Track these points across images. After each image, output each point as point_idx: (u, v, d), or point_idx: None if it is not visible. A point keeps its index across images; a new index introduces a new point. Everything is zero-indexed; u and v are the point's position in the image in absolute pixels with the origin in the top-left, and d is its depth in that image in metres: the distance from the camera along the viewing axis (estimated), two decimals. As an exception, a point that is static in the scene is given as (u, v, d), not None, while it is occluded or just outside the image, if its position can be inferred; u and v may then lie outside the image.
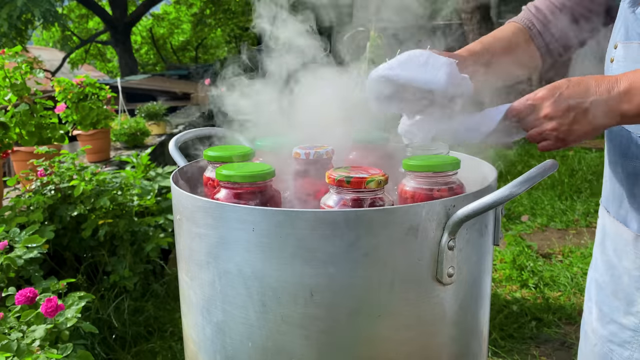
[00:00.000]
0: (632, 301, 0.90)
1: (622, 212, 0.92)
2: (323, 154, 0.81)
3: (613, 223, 0.95)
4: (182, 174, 0.90)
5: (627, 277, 0.90)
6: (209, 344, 0.72)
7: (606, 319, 0.96)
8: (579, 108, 0.77)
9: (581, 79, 0.78)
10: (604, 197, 1.01)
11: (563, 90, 0.78)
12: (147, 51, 20.66)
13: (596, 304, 1.00)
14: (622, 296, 0.92)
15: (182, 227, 0.73)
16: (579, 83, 0.78)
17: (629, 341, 0.90)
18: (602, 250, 1.00)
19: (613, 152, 0.93)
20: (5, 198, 2.53)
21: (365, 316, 0.64)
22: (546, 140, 0.81)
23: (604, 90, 0.76)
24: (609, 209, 0.98)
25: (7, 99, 2.55)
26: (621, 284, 0.92)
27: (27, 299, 1.59)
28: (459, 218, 0.63)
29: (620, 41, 0.87)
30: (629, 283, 0.90)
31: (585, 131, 0.79)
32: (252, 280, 0.64)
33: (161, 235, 2.62)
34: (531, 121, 0.81)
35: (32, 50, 12.04)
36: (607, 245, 0.97)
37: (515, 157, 5.49)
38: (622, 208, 0.92)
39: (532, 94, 0.81)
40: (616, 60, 0.89)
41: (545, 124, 0.79)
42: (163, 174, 2.96)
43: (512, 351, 2.32)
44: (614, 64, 0.89)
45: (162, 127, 4.65)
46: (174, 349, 2.28)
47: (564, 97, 0.77)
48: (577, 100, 0.77)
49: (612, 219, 0.95)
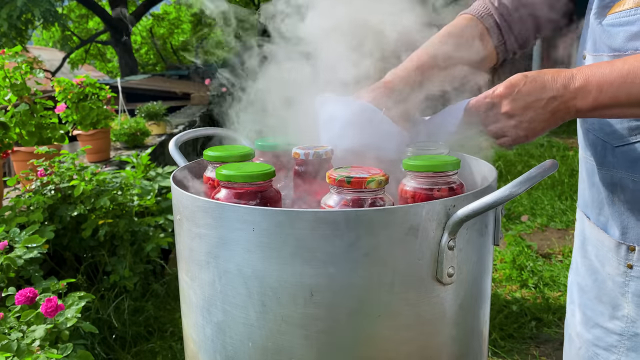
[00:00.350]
0: (617, 305, 0.89)
1: (602, 219, 0.92)
2: (322, 154, 0.81)
3: (594, 229, 0.95)
4: (181, 174, 0.90)
5: (611, 282, 0.90)
6: (209, 344, 0.72)
7: (590, 323, 0.96)
8: (537, 105, 0.77)
9: (538, 74, 0.78)
10: (582, 203, 1.00)
11: (521, 87, 0.78)
12: (147, 51, 20.65)
13: (579, 308, 1.00)
14: (607, 300, 0.92)
15: (182, 227, 0.73)
16: (535, 79, 0.78)
17: (616, 345, 0.90)
18: (583, 254, 0.99)
19: (590, 160, 0.92)
20: (5, 198, 2.54)
21: (365, 316, 0.64)
22: (505, 136, 0.82)
23: (560, 86, 0.76)
24: (588, 214, 0.97)
25: (7, 99, 2.55)
26: (605, 288, 0.92)
27: (27, 299, 1.59)
28: (459, 218, 0.63)
29: (589, 52, 0.87)
30: (613, 288, 0.90)
31: (543, 127, 0.79)
32: (252, 280, 0.64)
33: (161, 235, 2.62)
34: (490, 117, 0.81)
35: (32, 50, 12.04)
36: (588, 250, 0.97)
37: (515, 157, 5.49)
38: (602, 215, 0.92)
39: (490, 91, 0.81)
40: None
41: (505, 121, 0.80)
42: (163, 174, 2.96)
43: (512, 351, 2.32)
44: None
45: (162, 127, 4.66)
46: (174, 349, 2.28)
47: (522, 94, 0.78)
48: (535, 97, 0.77)
49: (593, 225, 0.95)
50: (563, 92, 0.76)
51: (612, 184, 0.87)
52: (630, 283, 0.86)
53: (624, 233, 0.87)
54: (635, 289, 0.86)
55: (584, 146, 0.94)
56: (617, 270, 0.88)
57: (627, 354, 0.88)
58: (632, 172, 0.83)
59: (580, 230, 1.01)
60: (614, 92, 0.73)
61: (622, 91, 0.73)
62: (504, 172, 4.99)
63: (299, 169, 0.82)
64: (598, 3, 0.84)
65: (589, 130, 0.91)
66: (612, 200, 0.88)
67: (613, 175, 0.86)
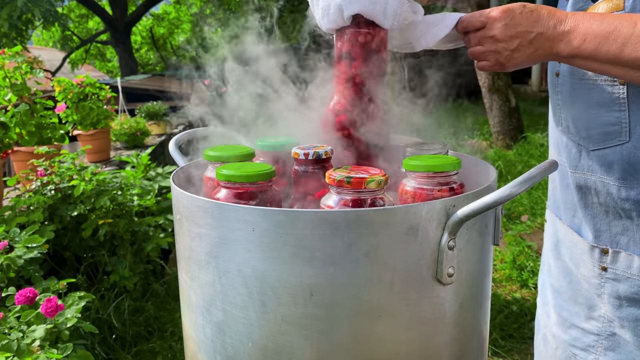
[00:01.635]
0: (593, 306, 0.90)
1: (577, 221, 0.92)
2: (322, 154, 0.81)
3: (567, 231, 0.95)
4: (181, 174, 0.90)
5: (587, 283, 0.90)
6: (209, 344, 0.72)
7: (566, 324, 0.96)
8: (524, 37, 0.77)
9: (536, 7, 0.78)
10: (553, 204, 1.00)
11: (516, 15, 0.78)
12: (147, 51, 20.66)
13: (554, 309, 0.99)
14: (582, 301, 0.92)
15: (182, 227, 0.73)
16: (532, 11, 0.78)
17: (593, 345, 0.90)
18: (556, 256, 0.99)
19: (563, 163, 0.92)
20: (5, 198, 2.54)
21: (365, 316, 0.64)
22: (486, 60, 0.82)
23: (551, 24, 0.77)
24: (560, 216, 0.97)
25: (7, 99, 2.55)
26: (580, 289, 0.92)
27: (27, 299, 1.59)
28: (459, 218, 0.63)
29: None
30: (589, 289, 0.90)
31: (523, 61, 0.80)
32: (252, 280, 0.64)
33: (161, 235, 2.62)
34: (477, 37, 0.81)
35: (32, 50, 12.03)
36: (562, 252, 0.97)
37: (515, 157, 5.49)
38: (576, 217, 0.92)
39: (486, 11, 0.80)
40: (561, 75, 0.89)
41: (490, 45, 0.80)
42: (163, 174, 2.96)
43: (512, 351, 2.32)
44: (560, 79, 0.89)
45: (162, 127, 4.66)
46: (174, 349, 2.28)
47: (515, 23, 0.78)
48: (526, 29, 0.77)
49: (566, 227, 0.95)
50: (552, 31, 0.76)
51: (585, 187, 0.87)
52: (606, 285, 0.86)
53: (597, 236, 0.87)
54: (610, 290, 0.86)
55: (558, 149, 0.94)
56: (592, 272, 0.88)
57: (605, 353, 0.88)
58: (607, 175, 0.83)
59: (552, 232, 1.01)
60: (595, 45, 0.74)
61: (603, 47, 0.73)
62: (504, 172, 4.98)
63: (299, 169, 0.82)
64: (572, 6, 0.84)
65: (563, 133, 0.91)
66: (585, 203, 0.88)
67: (587, 178, 0.86)
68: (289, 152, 0.84)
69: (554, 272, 0.99)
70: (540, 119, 7.55)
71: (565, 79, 0.88)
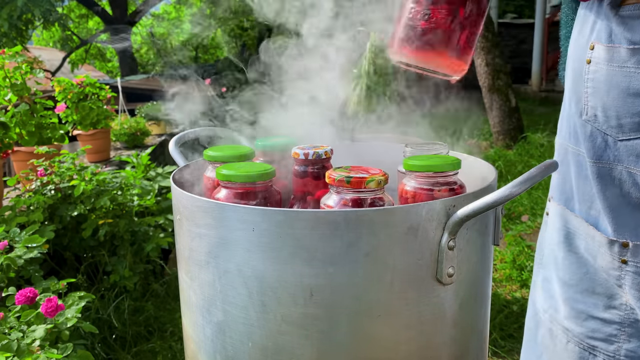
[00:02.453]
0: (613, 295, 0.89)
1: (593, 214, 0.91)
2: (322, 154, 0.81)
3: (581, 224, 0.93)
4: (181, 174, 0.90)
5: (605, 274, 0.89)
6: (209, 344, 0.72)
7: (582, 316, 0.94)
8: None
9: None
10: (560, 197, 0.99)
11: None
12: (147, 51, 20.65)
13: (565, 302, 0.98)
14: (601, 291, 0.91)
15: (182, 227, 0.73)
16: None
17: (615, 334, 0.89)
18: (567, 248, 0.97)
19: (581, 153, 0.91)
20: (5, 198, 2.54)
21: (365, 316, 0.64)
22: None
23: None
24: (573, 209, 0.96)
25: (7, 99, 2.55)
26: (598, 279, 0.91)
27: (27, 299, 1.59)
28: (459, 218, 0.63)
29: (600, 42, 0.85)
30: (608, 279, 0.89)
31: None
32: (252, 280, 0.64)
33: (161, 235, 2.62)
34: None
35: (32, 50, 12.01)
36: (576, 244, 0.95)
37: (515, 157, 5.49)
38: (592, 209, 0.90)
39: None
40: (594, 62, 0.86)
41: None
42: (163, 174, 2.96)
43: (512, 351, 2.32)
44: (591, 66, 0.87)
45: (162, 127, 4.66)
46: (174, 349, 2.28)
47: None
48: None
49: (580, 220, 0.93)
50: None
51: (610, 177, 0.86)
52: (626, 277, 0.86)
53: (617, 229, 0.86)
54: (631, 282, 0.85)
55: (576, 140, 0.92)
56: (612, 264, 0.87)
57: (629, 340, 0.88)
58: (635, 165, 0.82)
59: (560, 225, 0.99)
60: None
61: None
62: (504, 172, 4.98)
63: (299, 168, 0.82)
64: None
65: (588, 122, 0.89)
66: (606, 195, 0.87)
67: (613, 168, 0.85)
68: (289, 152, 0.84)
69: (563, 264, 0.98)
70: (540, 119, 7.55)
71: (601, 66, 0.86)
